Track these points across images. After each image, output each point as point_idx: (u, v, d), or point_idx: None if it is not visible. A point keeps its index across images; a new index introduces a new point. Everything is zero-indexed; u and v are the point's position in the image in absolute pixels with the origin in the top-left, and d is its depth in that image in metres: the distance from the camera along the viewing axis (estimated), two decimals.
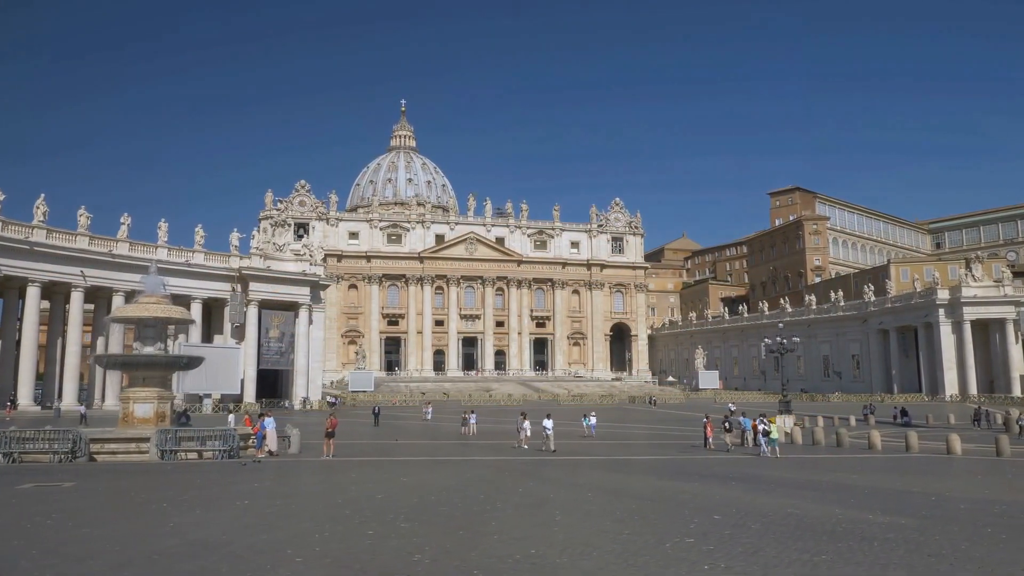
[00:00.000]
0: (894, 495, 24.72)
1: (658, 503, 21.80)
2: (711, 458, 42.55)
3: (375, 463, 36.93)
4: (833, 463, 41.39)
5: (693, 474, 31.84)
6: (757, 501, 22.38)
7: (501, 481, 27.53)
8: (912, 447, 49.06)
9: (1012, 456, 44.50)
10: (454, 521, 17.72)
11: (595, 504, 20.87)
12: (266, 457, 39.54)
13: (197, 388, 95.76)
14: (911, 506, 21.71)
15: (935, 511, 20.66)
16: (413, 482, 27.44)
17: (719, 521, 18.09)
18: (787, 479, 30.30)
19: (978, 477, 33.56)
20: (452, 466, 35.08)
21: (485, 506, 20.51)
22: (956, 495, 25.14)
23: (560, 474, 31.05)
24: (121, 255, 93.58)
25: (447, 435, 63.25)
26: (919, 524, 17.87)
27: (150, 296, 44.54)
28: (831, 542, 15.30)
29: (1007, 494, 25.64)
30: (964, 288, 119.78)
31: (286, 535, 15.98)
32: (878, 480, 30.12)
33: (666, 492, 24.73)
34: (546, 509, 19.49)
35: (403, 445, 48.49)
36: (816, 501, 22.42)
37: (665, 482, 28.30)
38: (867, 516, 18.89)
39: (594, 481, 27.78)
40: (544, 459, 40.09)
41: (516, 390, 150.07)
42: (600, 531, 16.42)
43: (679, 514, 19.21)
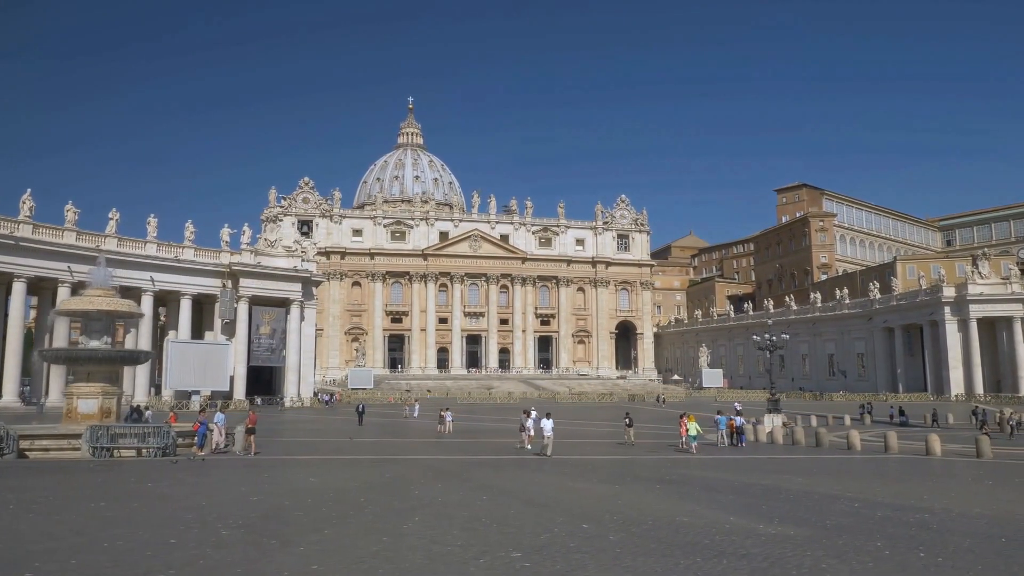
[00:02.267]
0: (816, 501, 23.22)
1: (540, 508, 20.49)
2: (668, 459, 40.95)
3: (301, 462, 35.78)
4: (789, 464, 39.77)
5: (628, 476, 30.51)
6: (657, 507, 21.07)
7: (408, 483, 26.33)
8: (892, 448, 47.35)
9: (993, 458, 42.78)
10: (286, 527, 16.51)
11: (471, 510, 19.55)
12: (209, 454, 38.50)
13: (185, 385, 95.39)
14: (822, 513, 20.25)
15: (842, 519, 19.17)
16: (314, 484, 26.30)
17: (581, 530, 16.72)
18: (722, 482, 28.86)
19: (934, 480, 31.89)
20: (383, 466, 33.88)
21: (348, 510, 19.44)
22: (886, 501, 23.57)
23: (483, 476, 29.65)
24: (109, 251, 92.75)
25: (422, 433, 62.06)
26: (809, 535, 16.44)
27: (97, 289, 43.60)
28: (687, 557, 13.93)
29: (942, 500, 24.04)
30: (970, 286, 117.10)
31: (84, 540, 14.76)
32: (817, 483, 28.56)
33: (567, 496, 23.45)
34: (407, 516, 18.26)
35: (356, 444, 47.16)
36: (721, 507, 20.99)
37: (584, 484, 26.98)
38: (758, 526, 17.46)
39: (508, 485, 26.44)
40: (504, 459, 38.79)
41: (517, 388, 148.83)
42: (433, 541, 15.09)
43: (547, 521, 17.89)
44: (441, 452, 43.48)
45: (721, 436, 51.85)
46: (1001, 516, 20.49)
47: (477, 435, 59.26)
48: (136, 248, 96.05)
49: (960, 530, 17.82)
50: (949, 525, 18.52)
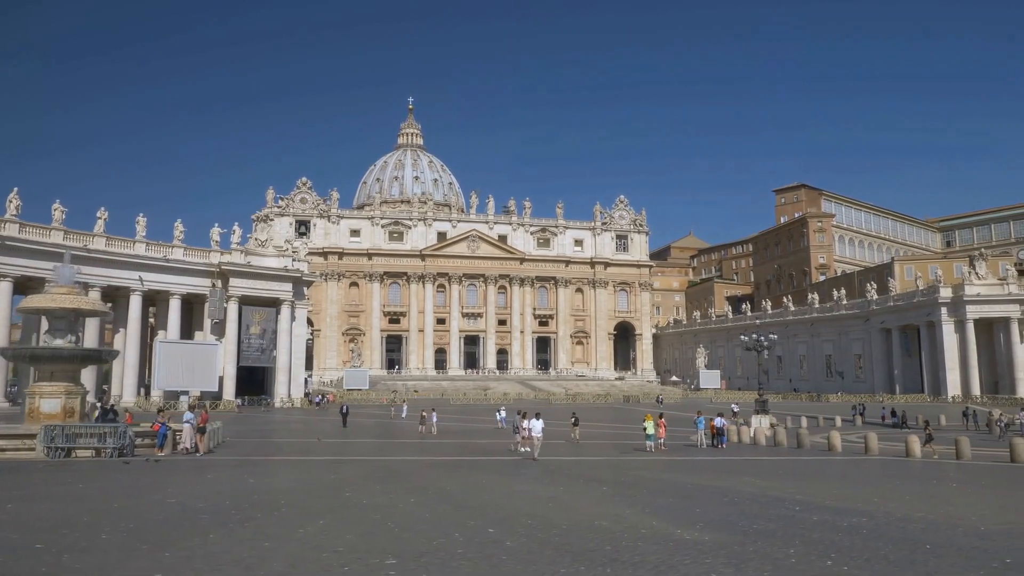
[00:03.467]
0: (758, 504, 22.54)
1: (462, 511, 19.89)
2: (639, 460, 40.29)
3: (256, 463, 35.23)
4: (757, 466, 39.14)
5: (582, 478, 30.01)
6: (586, 510, 20.51)
7: (348, 485, 25.80)
8: (872, 450, 46.66)
9: (972, 459, 42.10)
10: (174, 531, 15.95)
11: (387, 513, 18.93)
12: (168, 455, 37.96)
13: (174, 385, 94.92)
14: (754, 518, 19.58)
15: (771, 524, 18.48)
16: (250, 485, 25.81)
17: (483, 535, 16.10)
18: (674, 484, 28.23)
19: (897, 483, 31.16)
20: (336, 467, 33.35)
21: (257, 513, 18.83)
22: (832, 504, 22.88)
23: (433, 478, 29.01)
24: (97, 250, 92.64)
25: (404, 434, 61.57)
26: (723, 541, 15.78)
27: (61, 287, 43.08)
28: (573, 563, 13.35)
29: (892, 503, 23.35)
30: (967, 286, 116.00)
31: None
32: (773, 486, 27.89)
33: (503, 499, 22.84)
34: (313, 520, 17.67)
35: (325, 445, 46.58)
36: (652, 511, 20.36)
37: (531, 486, 26.27)
38: (676, 531, 16.81)
39: (452, 487, 25.79)
40: (476, 460, 38.18)
41: (513, 389, 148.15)
42: (316, 546, 14.51)
43: (455, 526, 17.29)
44: (411, 453, 42.96)
45: (700, 437, 51.24)
46: (941, 521, 19.76)
47: (461, 436, 58.75)
48: (125, 247, 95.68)
49: (889, 535, 17.12)
50: (880, 530, 17.80)
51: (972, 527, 18.57)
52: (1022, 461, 40.56)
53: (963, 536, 17.21)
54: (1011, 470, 38.05)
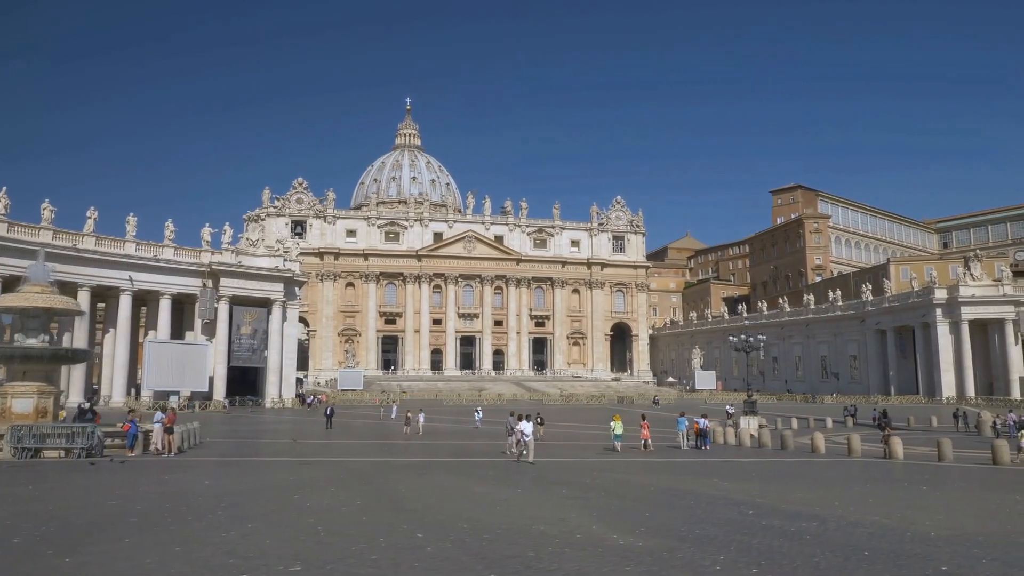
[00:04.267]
0: (712, 507, 22.20)
1: (403, 515, 19.50)
2: (609, 460, 39.85)
3: (222, 464, 35.04)
4: (730, 468, 38.73)
5: (546, 479, 29.60)
6: (531, 513, 20.15)
7: (302, 487, 25.50)
8: (854, 451, 46.12)
9: (954, 461, 41.66)
10: (89, 536, 15.62)
11: (323, 517, 18.59)
12: (138, 456, 37.64)
13: (163, 385, 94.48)
14: (700, 522, 19.25)
15: (714, 529, 18.12)
16: (205, 487, 25.54)
17: (408, 540, 15.73)
18: (634, 486, 27.95)
19: (865, 484, 30.69)
20: (300, 468, 33.05)
21: (188, 515, 18.51)
22: (788, 507, 22.51)
23: (395, 480, 28.64)
24: (86, 250, 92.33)
25: (388, 436, 61.13)
26: (654, 547, 15.46)
27: (35, 285, 42.72)
28: (486, 570, 12.90)
29: (850, 506, 22.99)
30: (962, 287, 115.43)
31: None
32: (736, 488, 27.54)
33: (453, 502, 22.51)
34: (241, 524, 17.35)
35: (300, 445, 46.22)
36: (598, 514, 20.02)
37: (488, 488, 25.89)
38: (612, 536, 16.45)
39: (410, 490, 25.43)
40: (451, 462, 37.77)
41: (508, 390, 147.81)
42: (226, 551, 14.24)
43: (387, 530, 16.94)
44: (387, 454, 42.57)
45: (682, 438, 50.76)
46: (894, 525, 19.34)
47: (446, 437, 58.25)
48: (115, 247, 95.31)
49: (832, 541, 16.74)
50: (826, 535, 17.43)
51: (923, 532, 18.17)
52: (1004, 463, 40.17)
53: (908, 542, 16.82)
54: (991, 472, 37.63)
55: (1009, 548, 16.33)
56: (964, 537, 17.72)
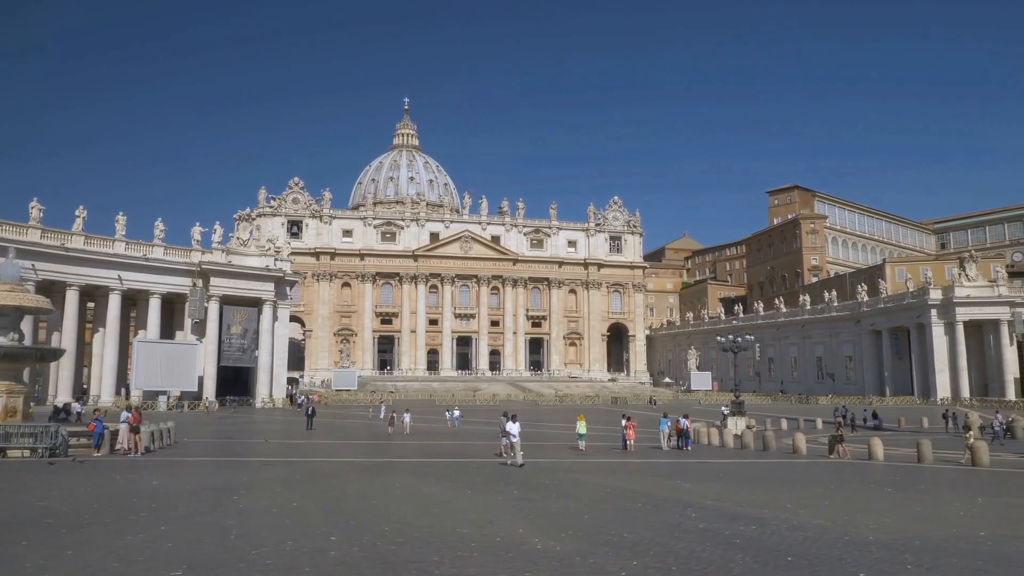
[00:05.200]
0: (658, 509, 21.81)
1: (331, 516, 19.14)
2: (577, 461, 39.43)
3: (183, 464, 34.74)
4: (699, 468, 38.27)
5: (499, 480, 29.14)
6: (465, 516, 19.75)
7: (247, 488, 25.14)
8: (841, 454, 45.50)
9: (933, 463, 41.17)
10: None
11: (242, 520, 18.22)
12: (105, 455, 37.30)
13: (152, 385, 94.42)
14: (637, 525, 18.86)
15: (646, 532, 17.73)
16: (153, 487, 25.18)
17: (306, 545, 15.31)
18: (591, 486, 27.55)
19: (828, 487, 30.17)
20: (258, 468, 32.75)
21: (103, 519, 18.07)
22: (738, 509, 22.10)
23: (350, 481, 28.25)
24: (75, 249, 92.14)
25: (369, 436, 60.79)
26: (570, 551, 15.09)
27: (4, 283, 42.37)
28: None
29: (803, 509, 22.49)
30: (957, 288, 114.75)
31: None
32: (695, 489, 27.20)
33: (396, 503, 22.13)
34: (158, 525, 16.84)
35: (269, 445, 45.90)
36: (534, 517, 19.65)
37: (437, 489, 25.48)
38: (535, 539, 16.05)
39: (359, 491, 25.08)
40: (416, 462, 37.35)
41: (503, 390, 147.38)
42: (109, 553, 13.77)
43: (298, 534, 16.55)
44: (358, 455, 42.16)
45: (663, 438, 50.34)
46: (837, 528, 18.91)
47: (429, 437, 57.81)
48: (104, 246, 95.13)
49: (762, 545, 16.33)
50: (759, 540, 17.00)
51: (861, 536, 17.74)
52: (984, 465, 39.66)
53: (839, 546, 16.39)
54: (966, 474, 37.16)
55: (941, 553, 15.88)
56: (901, 541, 17.26)
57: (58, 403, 60.10)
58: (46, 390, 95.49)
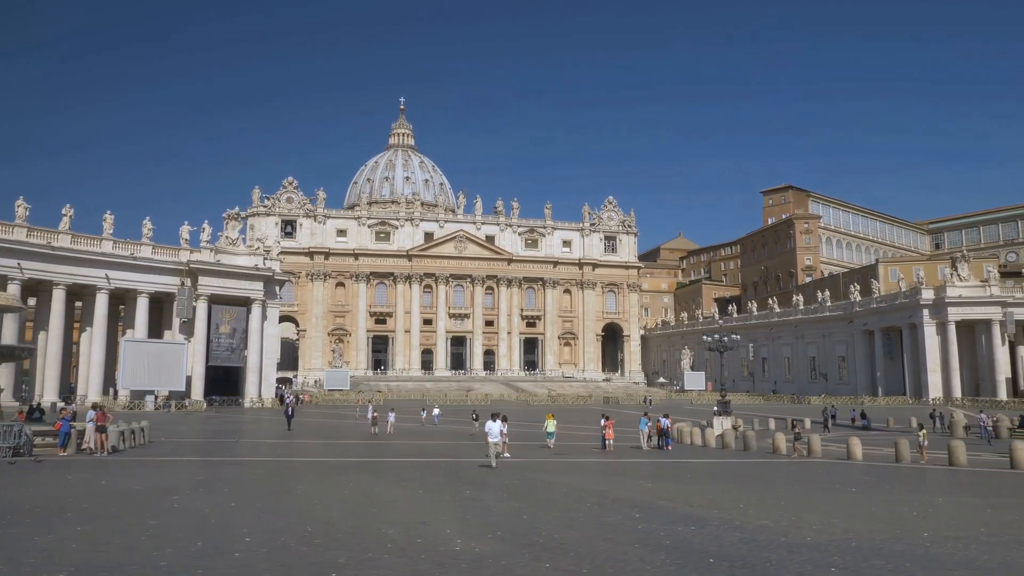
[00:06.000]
0: (604, 509, 21.50)
1: (255, 516, 18.61)
2: (545, 461, 39.07)
3: (147, 464, 34.32)
4: (667, 467, 37.94)
5: (456, 477, 28.69)
6: (400, 516, 19.38)
7: (197, 487, 24.77)
8: (815, 452, 45.35)
9: (911, 462, 40.88)
10: None
11: (180, 518, 17.98)
12: (71, 455, 36.98)
13: (139, 384, 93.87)
14: (569, 526, 18.53)
15: (577, 533, 17.35)
16: (99, 487, 24.88)
17: (228, 546, 14.99)
18: (548, 486, 27.18)
19: (789, 487, 29.84)
20: (225, 468, 32.42)
21: (22, 520, 17.75)
22: (683, 510, 21.75)
23: (302, 481, 27.94)
24: (62, 247, 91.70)
25: (350, 436, 60.47)
26: (491, 554, 14.79)
27: None
28: None
29: (749, 509, 22.16)
30: (949, 288, 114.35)
31: None
32: (653, 489, 27.04)
33: (340, 503, 21.90)
34: (77, 525, 16.53)
35: (241, 444, 45.55)
36: (468, 518, 19.36)
37: (386, 490, 25.13)
38: (458, 541, 15.76)
39: (307, 491, 24.73)
40: (382, 462, 36.93)
41: (496, 390, 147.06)
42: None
43: (227, 531, 16.19)
44: (328, 455, 41.77)
45: (642, 438, 50.03)
46: (779, 528, 18.55)
47: (411, 437, 57.50)
48: (91, 245, 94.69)
49: (692, 546, 15.99)
50: (692, 540, 16.68)
51: (799, 537, 17.41)
52: (961, 465, 39.33)
53: (772, 548, 16.04)
54: (938, 473, 36.85)
55: (872, 555, 15.52)
56: (839, 542, 16.91)
57: (34, 402, 59.68)
58: (33, 390, 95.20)
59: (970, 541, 17.41)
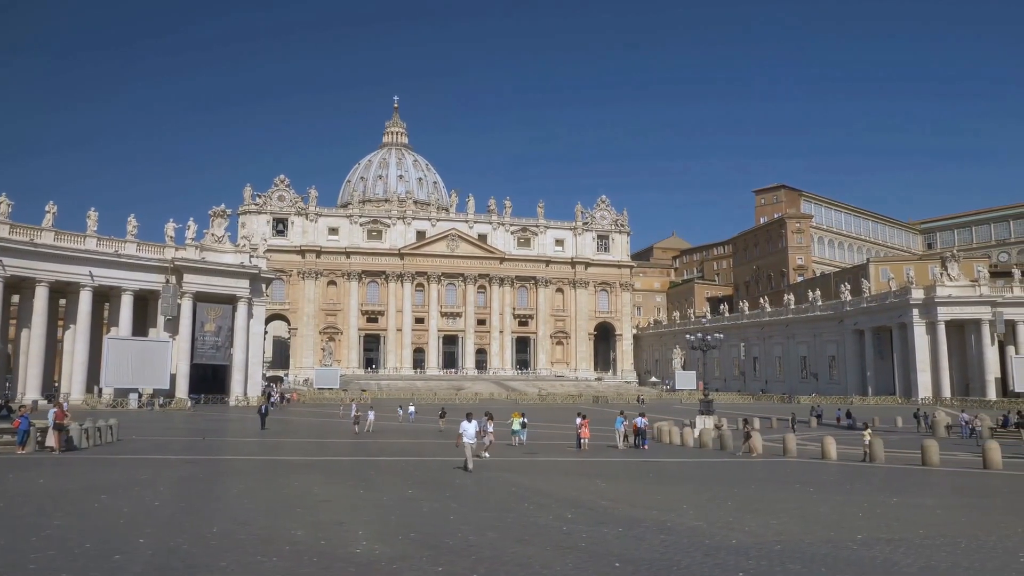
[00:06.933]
0: (540, 508, 21.01)
1: (183, 517, 18.17)
2: (504, 460, 38.60)
3: (102, 462, 33.82)
4: (630, 467, 37.49)
5: (410, 477, 28.23)
6: (327, 517, 18.77)
7: (134, 486, 24.37)
8: (790, 451, 44.94)
9: (885, 462, 40.44)
10: None
11: (84, 518, 17.51)
12: (30, 453, 36.58)
13: (123, 383, 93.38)
14: (489, 527, 18.09)
15: (492, 535, 16.98)
16: (35, 487, 24.39)
17: (113, 546, 14.53)
18: (498, 485, 26.69)
19: (745, 487, 29.33)
20: (179, 466, 32.00)
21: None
22: (622, 511, 21.34)
23: (247, 479, 27.55)
24: (44, 244, 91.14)
25: (327, 434, 60.14)
26: (391, 556, 14.35)
27: None
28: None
29: (690, 510, 21.69)
30: (939, 288, 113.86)
31: None
32: (605, 488, 26.77)
33: (282, 502, 21.52)
34: None
35: (207, 443, 45.08)
36: (392, 518, 18.94)
37: (329, 488, 24.62)
38: (361, 544, 15.34)
39: (243, 488, 24.29)
40: (341, 460, 36.52)
41: (486, 389, 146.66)
42: None
43: (123, 531, 15.64)
44: (289, 453, 41.36)
45: (618, 437, 49.65)
46: (710, 532, 18.07)
47: (389, 435, 57.17)
48: (75, 242, 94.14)
49: (609, 548, 15.59)
50: (613, 541, 16.28)
51: (724, 540, 16.95)
52: (934, 465, 38.89)
53: (690, 550, 15.60)
54: (908, 474, 36.48)
55: (791, 558, 15.06)
56: (762, 544, 16.43)
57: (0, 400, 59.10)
58: (15, 387, 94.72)
59: (901, 544, 16.94)
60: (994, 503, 26.75)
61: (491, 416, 43.32)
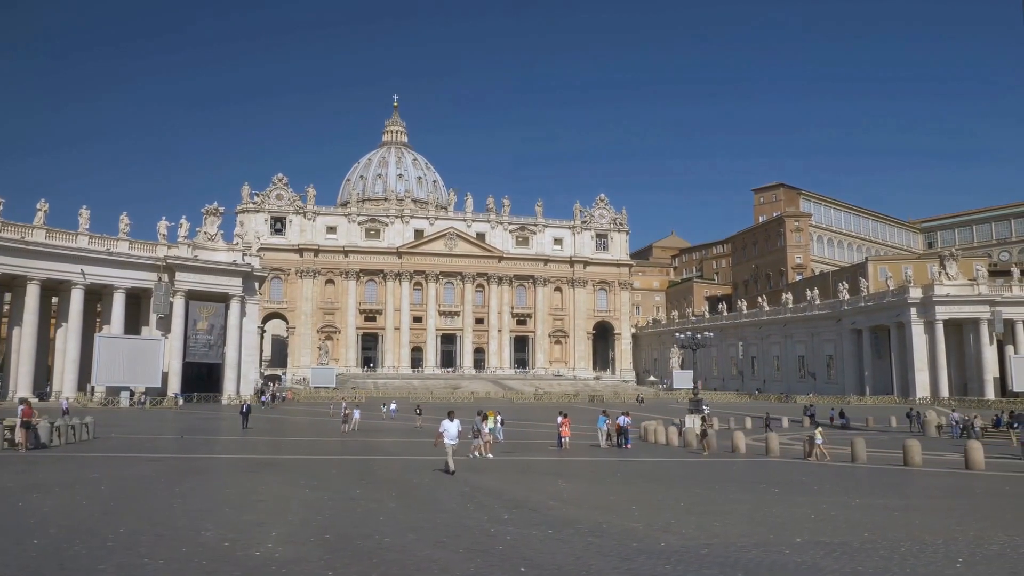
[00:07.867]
0: (485, 509, 20.54)
1: (116, 514, 17.93)
2: (495, 459, 38.11)
3: (68, 459, 33.61)
4: (603, 466, 36.95)
5: (369, 477, 27.74)
6: (249, 517, 18.21)
7: (71, 485, 23.72)
8: (772, 451, 44.43)
9: (867, 462, 39.86)
10: None
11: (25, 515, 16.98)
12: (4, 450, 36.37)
13: (114, 381, 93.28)
14: (416, 529, 17.54)
15: (409, 536, 16.43)
16: None
17: (55, 544, 14.02)
18: (452, 484, 25.99)
19: (711, 487, 28.78)
20: (144, 464, 31.68)
21: None
22: (571, 514, 20.79)
23: (212, 477, 27.11)
24: (36, 242, 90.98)
25: (311, 433, 59.79)
26: (286, 558, 13.88)
27: None
28: None
29: (643, 512, 21.19)
30: (937, 287, 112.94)
31: None
32: (563, 489, 26.34)
33: (244, 500, 21.11)
34: None
35: (185, 442, 44.77)
36: (318, 519, 18.35)
37: (285, 488, 24.15)
38: (266, 547, 14.83)
39: (205, 487, 23.84)
40: (307, 460, 36.13)
41: (484, 388, 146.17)
42: None
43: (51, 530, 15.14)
44: (263, 452, 40.94)
45: (600, 436, 49.21)
46: (645, 534, 17.53)
47: (373, 434, 56.74)
48: (67, 240, 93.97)
49: (520, 551, 15.10)
50: (534, 544, 15.78)
51: (654, 542, 16.44)
52: (916, 465, 38.26)
53: (612, 554, 15.08)
54: (885, 474, 35.95)
55: (710, 563, 14.50)
56: (689, 548, 15.88)
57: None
58: (7, 386, 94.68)
59: (837, 548, 16.35)
60: (961, 505, 26.15)
61: (485, 416, 42.47)
